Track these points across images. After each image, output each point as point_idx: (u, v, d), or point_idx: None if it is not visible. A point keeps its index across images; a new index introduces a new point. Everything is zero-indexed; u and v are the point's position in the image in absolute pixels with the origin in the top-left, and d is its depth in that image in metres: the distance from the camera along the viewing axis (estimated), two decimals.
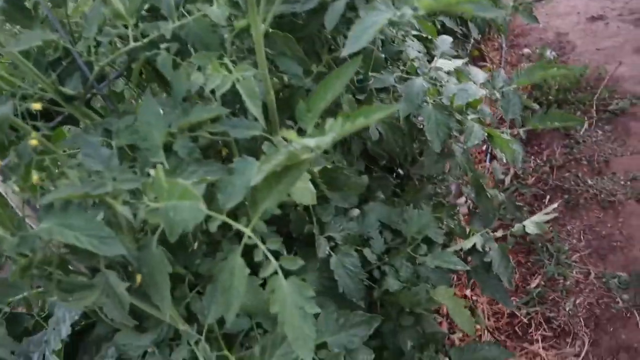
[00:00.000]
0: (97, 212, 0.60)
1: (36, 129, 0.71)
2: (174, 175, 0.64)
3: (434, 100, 0.99)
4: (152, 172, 0.57)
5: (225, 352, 0.75)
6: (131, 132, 0.70)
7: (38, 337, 0.77)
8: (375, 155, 1.12)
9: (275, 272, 0.60)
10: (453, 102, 1.01)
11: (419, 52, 1.14)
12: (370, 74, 1.04)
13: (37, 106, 0.65)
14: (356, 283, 0.89)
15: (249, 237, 0.59)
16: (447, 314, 1.73)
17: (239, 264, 0.59)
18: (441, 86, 1.02)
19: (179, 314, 0.71)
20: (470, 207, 1.58)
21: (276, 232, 0.74)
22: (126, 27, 0.70)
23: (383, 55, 1.08)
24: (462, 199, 1.70)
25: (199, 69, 0.69)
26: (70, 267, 0.65)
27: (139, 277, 0.62)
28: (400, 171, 1.29)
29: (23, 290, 0.59)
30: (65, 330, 0.74)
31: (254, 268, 0.61)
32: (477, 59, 3.11)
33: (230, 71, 0.65)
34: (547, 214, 1.21)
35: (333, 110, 0.81)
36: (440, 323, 1.74)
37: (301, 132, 0.61)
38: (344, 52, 0.62)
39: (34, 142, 0.65)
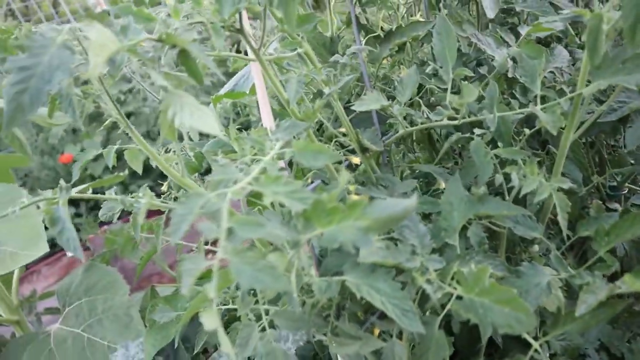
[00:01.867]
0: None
1: None
2: (462, 261, 0.66)
3: None
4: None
5: None
6: (421, 201, 0.73)
7: None
8: None
9: None
10: None
11: None
12: None
13: (355, 160, 0.71)
14: None
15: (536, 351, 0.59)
16: None
17: None
18: None
19: None
20: None
21: None
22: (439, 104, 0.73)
23: None
24: None
25: (503, 162, 0.71)
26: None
27: None
28: None
29: (310, 325, 0.64)
30: None
31: None
32: None
33: (546, 178, 0.66)
34: None
35: None
36: None
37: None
38: None
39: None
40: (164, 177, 0.76)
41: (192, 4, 0.53)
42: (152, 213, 0.80)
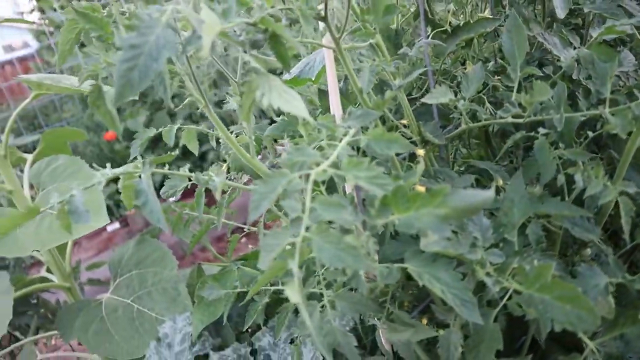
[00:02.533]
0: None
1: None
2: (520, 258, 0.67)
3: None
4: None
5: None
6: None
7: None
8: None
9: None
10: None
11: None
12: None
13: (420, 152, 0.72)
14: None
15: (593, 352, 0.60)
16: None
17: None
18: None
19: None
20: None
21: None
22: (506, 101, 0.74)
23: None
24: None
25: (565, 163, 0.71)
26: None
27: None
28: None
29: (368, 308, 0.66)
30: None
31: None
32: None
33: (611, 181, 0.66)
34: None
35: None
36: None
37: None
38: None
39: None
40: (203, 159, 0.78)
41: None
42: (187, 194, 0.82)
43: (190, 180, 0.69)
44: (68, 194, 0.57)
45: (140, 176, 0.61)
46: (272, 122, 0.86)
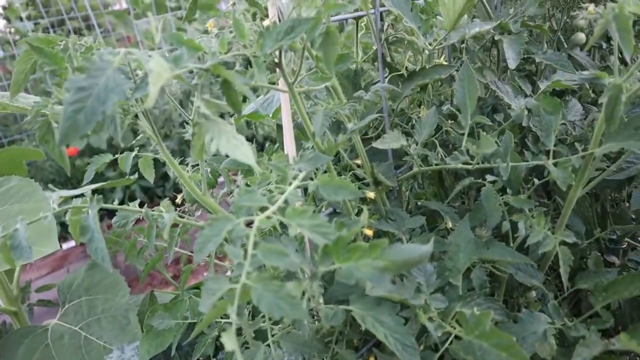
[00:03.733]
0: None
1: None
2: (463, 302, 0.68)
3: None
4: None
5: None
6: (427, 239, 0.76)
7: None
8: None
9: None
10: None
11: None
12: None
13: (370, 195, 0.73)
14: None
15: None
16: None
17: None
18: None
19: None
20: None
21: None
22: (455, 147, 0.76)
23: None
24: None
25: (511, 209, 0.74)
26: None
27: None
28: None
29: (313, 349, 0.67)
30: None
31: None
32: None
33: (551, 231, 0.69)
34: None
35: None
36: None
37: None
38: None
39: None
40: (165, 178, 0.78)
41: (236, 37, 0.56)
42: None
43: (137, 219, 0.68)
44: (12, 228, 0.56)
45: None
46: None
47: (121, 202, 0.86)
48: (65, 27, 4.01)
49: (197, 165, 0.94)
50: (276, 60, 0.58)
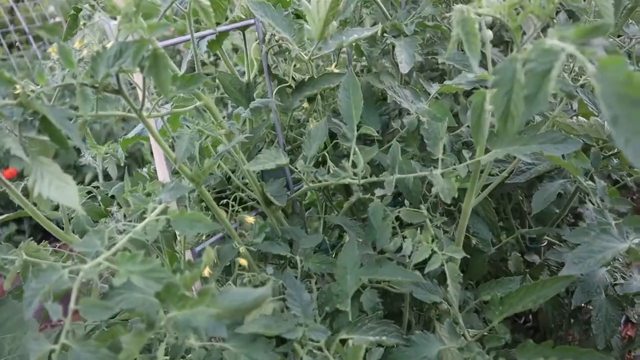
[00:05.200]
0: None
1: None
2: (353, 328, 0.64)
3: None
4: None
5: None
6: (320, 260, 0.72)
7: None
8: None
9: None
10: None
11: None
12: None
13: (250, 220, 0.69)
14: None
15: None
16: None
17: None
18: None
19: None
20: None
21: None
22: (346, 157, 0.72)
23: None
24: None
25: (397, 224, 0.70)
26: None
27: None
28: None
29: None
30: None
31: None
32: None
33: (439, 247, 0.65)
34: None
35: None
36: None
37: None
38: (563, 272, 0.61)
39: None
40: None
41: (63, 64, 0.51)
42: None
43: None
44: None
45: None
46: None
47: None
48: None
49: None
50: (115, 87, 0.53)
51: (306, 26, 0.74)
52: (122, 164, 0.93)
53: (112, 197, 0.88)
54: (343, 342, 0.63)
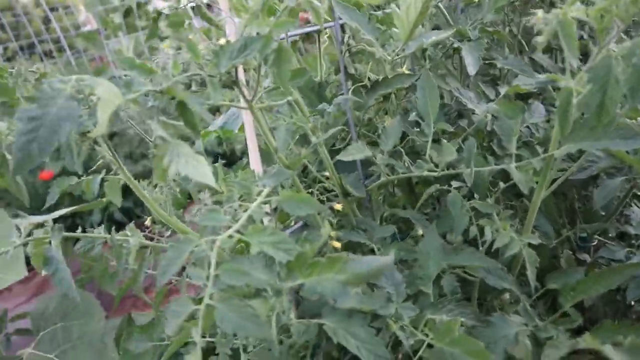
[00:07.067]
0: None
1: None
2: (435, 309, 0.68)
3: None
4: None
5: None
6: (399, 247, 0.76)
7: None
8: None
9: None
10: None
11: None
12: None
13: (338, 206, 0.74)
14: None
15: None
16: None
17: None
18: None
19: None
20: None
21: None
22: (421, 154, 0.77)
23: None
24: None
25: (479, 213, 0.74)
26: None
27: None
28: None
29: None
30: None
31: None
32: None
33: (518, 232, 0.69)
34: None
35: None
36: None
37: None
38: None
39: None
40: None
41: (190, 56, 0.56)
42: None
43: (106, 241, 0.68)
44: None
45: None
46: None
47: (100, 223, 0.85)
48: (36, 50, 3.97)
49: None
50: (233, 78, 0.58)
51: (394, 29, 0.79)
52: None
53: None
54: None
